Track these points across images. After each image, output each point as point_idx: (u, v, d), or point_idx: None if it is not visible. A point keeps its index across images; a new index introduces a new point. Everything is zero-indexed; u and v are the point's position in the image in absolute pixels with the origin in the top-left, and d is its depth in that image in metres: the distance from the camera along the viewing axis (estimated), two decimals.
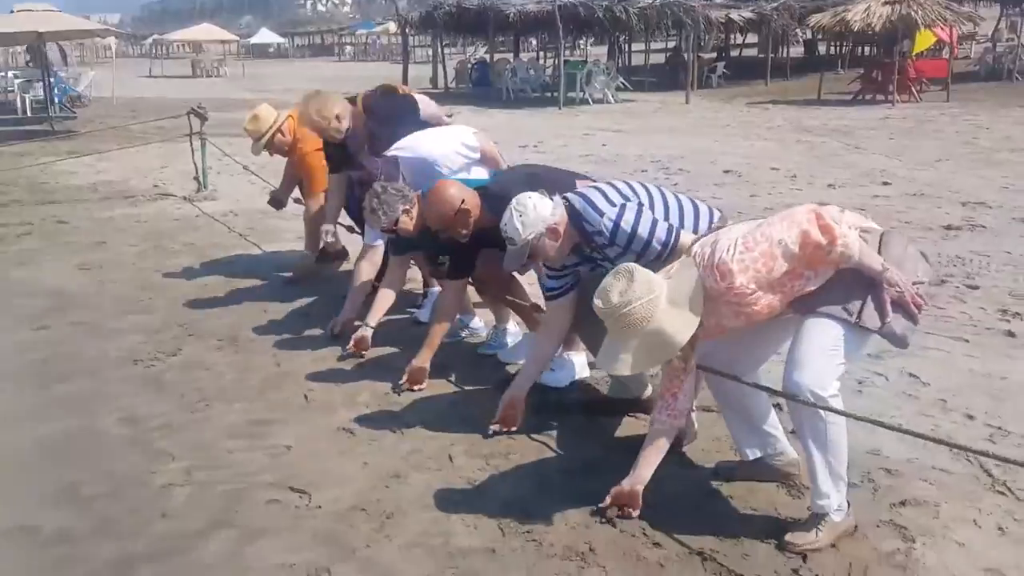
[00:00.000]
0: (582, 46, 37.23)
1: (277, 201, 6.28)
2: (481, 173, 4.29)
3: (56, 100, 17.83)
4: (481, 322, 4.82)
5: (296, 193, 6.23)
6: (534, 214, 3.18)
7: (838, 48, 28.80)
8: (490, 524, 2.93)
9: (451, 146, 4.38)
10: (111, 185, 10.09)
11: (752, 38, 33.37)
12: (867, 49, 23.51)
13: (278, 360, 4.49)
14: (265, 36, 66.82)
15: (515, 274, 4.17)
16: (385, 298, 4.56)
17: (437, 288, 5.13)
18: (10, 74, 21.48)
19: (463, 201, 3.74)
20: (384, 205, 3.99)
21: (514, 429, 3.59)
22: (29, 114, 17.81)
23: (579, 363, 4.17)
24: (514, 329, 4.61)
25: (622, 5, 22.78)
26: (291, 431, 3.69)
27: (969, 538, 2.81)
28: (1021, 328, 4.74)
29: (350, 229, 5.65)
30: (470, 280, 4.37)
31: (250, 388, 4.16)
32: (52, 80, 17.73)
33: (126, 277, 6.15)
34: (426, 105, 4.90)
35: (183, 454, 3.51)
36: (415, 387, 4.06)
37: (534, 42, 39.12)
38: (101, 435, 3.73)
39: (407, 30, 28.15)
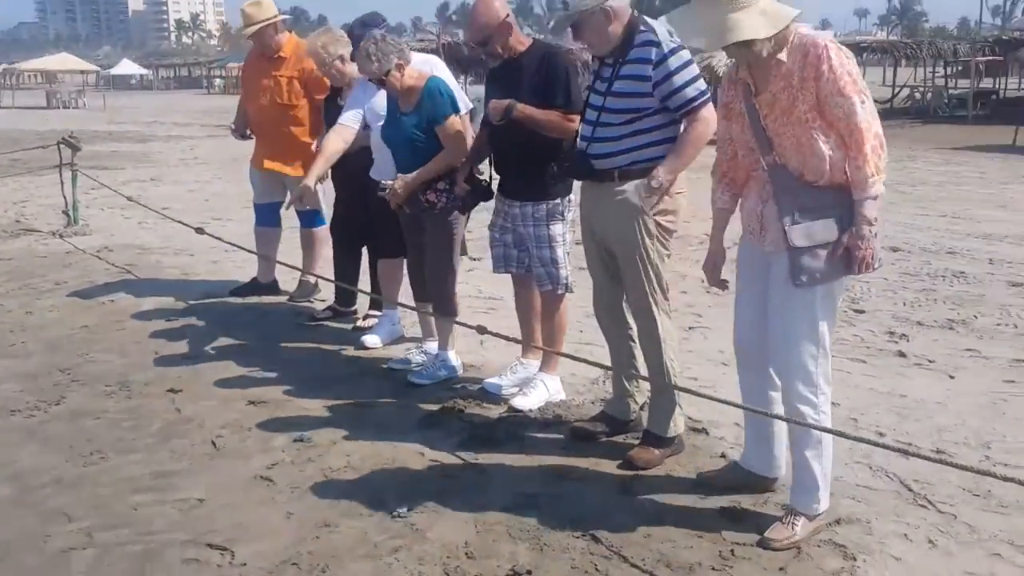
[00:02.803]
0: (462, 84, 37.64)
1: (240, 133, 6.04)
2: None
3: None
4: (421, 353, 4.67)
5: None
6: None
7: None
8: (435, 570, 2.79)
9: None
10: None
11: None
12: None
13: (178, 405, 4.18)
14: (127, 67, 64.30)
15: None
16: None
17: (382, 313, 5.17)
18: None
19: None
20: (380, 52, 4.03)
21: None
22: None
23: (553, 386, 4.13)
24: (454, 361, 4.49)
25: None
26: (201, 482, 3.42)
27: (904, 552, 2.89)
28: (910, 348, 4.99)
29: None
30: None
31: (150, 437, 3.84)
32: None
33: None
34: None
35: (81, 513, 3.19)
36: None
37: None
38: None
39: None
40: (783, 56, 2.74)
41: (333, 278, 5.38)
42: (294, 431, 3.85)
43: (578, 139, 3.52)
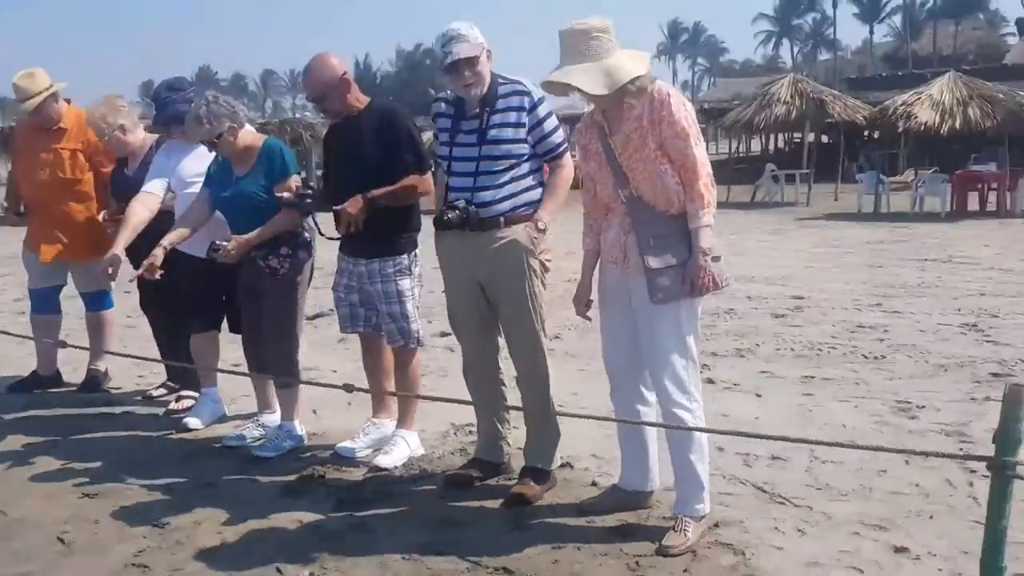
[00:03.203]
0: None
1: (15, 212, 5.53)
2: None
3: None
4: (258, 427, 4.44)
5: None
6: (478, 32, 3.43)
7: None
8: None
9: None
10: None
11: None
12: None
13: (0, 507, 3.66)
14: None
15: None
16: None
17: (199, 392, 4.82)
18: None
19: None
20: (211, 115, 3.88)
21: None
22: None
23: (413, 441, 4.07)
24: (300, 430, 4.30)
25: None
26: None
27: (783, 543, 3.20)
28: (715, 375, 5.49)
29: None
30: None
31: None
32: None
33: None
34: None
35: None
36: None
37: None
38: None
39: None
40: (634, 101, 3.09)
41: (157, 357, 5.00)
42: (147, 517, 3.51)
43: (449, 192, 3.58)
